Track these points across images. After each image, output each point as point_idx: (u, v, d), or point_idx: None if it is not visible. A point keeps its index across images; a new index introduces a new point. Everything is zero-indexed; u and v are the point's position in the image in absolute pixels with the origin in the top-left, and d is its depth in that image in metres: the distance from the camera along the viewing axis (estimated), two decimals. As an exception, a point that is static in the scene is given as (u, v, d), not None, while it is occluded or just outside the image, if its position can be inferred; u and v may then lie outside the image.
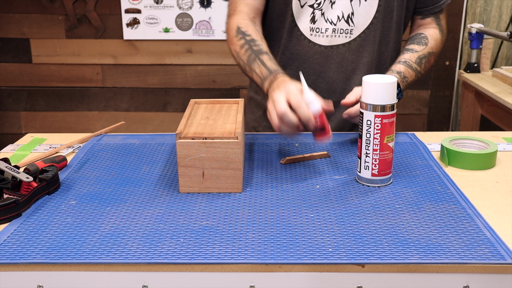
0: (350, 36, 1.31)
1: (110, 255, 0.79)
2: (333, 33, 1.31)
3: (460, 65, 2.76)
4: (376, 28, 1.31)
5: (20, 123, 2.89)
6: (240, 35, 1.29)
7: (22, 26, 2.73)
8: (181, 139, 0.97)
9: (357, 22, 1.30)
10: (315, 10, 1.30)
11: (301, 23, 1.32)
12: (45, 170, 1.02)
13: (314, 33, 1.31)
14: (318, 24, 1.30)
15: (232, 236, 0.84)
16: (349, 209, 0.93)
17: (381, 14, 1.30)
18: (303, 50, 1.33)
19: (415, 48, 1.33)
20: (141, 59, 2.76)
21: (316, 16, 1.30)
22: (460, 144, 1.17)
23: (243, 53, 1.26)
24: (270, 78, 1.17)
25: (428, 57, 1.33)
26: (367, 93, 0.99)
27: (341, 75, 1.34)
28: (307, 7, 1.30)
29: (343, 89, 1.34)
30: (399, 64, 1.30)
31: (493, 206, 0.94)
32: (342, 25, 1.30)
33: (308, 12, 1.30)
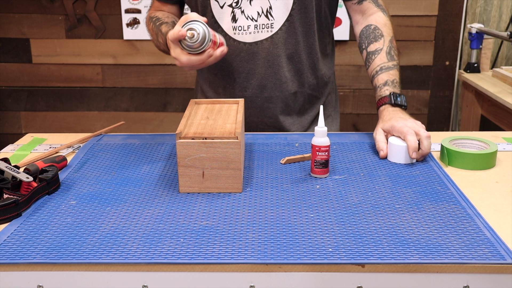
0: (271, 30, 1.31)
1: (110, 255, 0.79)
2: (255, 29, 1.31)
3: (460, 65, 2.76)
4: (296, 19, 1.31)
5: (20, 123, 2.89)
6: (150, 21, 1.37)
7: (22, 26, 2.73)
8: (181, 139, 0.97)
9: (276, 16, 1.30)
10: (235, 9, 1.30)
11: (223, 23, 1.32)
12: (45, 170, 1.02)
13: (237, 32, 1.32)
14: (239, 22, 1.31)
15: (232, 236, 0.84)
16: (349, 209, 0.93)
17: (299, 5, 1.30)
18: (229, 49, 1.32)
19: (377, 46, 1.32)
20: (141, 59, 2.76)
21: (237, 15, 1.31)
22: (460, 144, 1.17)
23: (151, 32, 1.35)
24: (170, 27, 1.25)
25: (392, 46, 1.33)
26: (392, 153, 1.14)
27: (270, 69, 1.34)
28: (226, 7, 1.31)
29: (274, 83, 1.35)
30: (379, 75, 1.29)
31: (493, 206, 0.94)
32: (262, 20, 1.30)
33: (228, 12, 1.31)
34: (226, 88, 1.39)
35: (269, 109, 1.38)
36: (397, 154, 1.12)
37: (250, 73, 1.35)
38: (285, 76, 1.35)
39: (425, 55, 2.71)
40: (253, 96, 1.36)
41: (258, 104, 1.37)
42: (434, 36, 2.68)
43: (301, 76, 1.37)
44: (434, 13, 2.65)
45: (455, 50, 2.71)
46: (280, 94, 1.36)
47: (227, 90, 1.39)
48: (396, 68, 1.31)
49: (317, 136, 1.05)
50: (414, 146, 1.10)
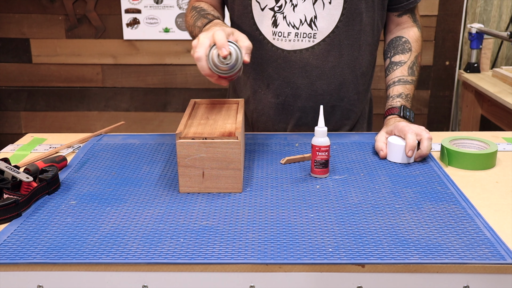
0: (313, 41, 1.26)
1: (110, 255, 0.79)
2: (295, 37, 1.26)
3: (460, 65, 2.76)
4: (342, 31, 1.26)
5: (20, 123, 2.89)
6: (193, 11, 1.32)
7: (22, 26, 2.73)
8: (181, 139, 0.97)
9: (321, 26, 1.25)
10: (277, 14, 1.26)
11: (262, 26, 1.28)
12: (45, 170, 1.02)
13: (277, 37, 1.27)
14: (280, 28, 1.26)
15: (232, 236, 0.84)
16: (349, 209, 0.93)
17: (347, 17, 1.25)
18: (267, 54, 1.29)
19: (402, 59, 1.31)
20: (141, 59, 2.76)
21: (278, 20, 1.26)
22: (460, 144, 1.17)
23: (190, 19, 1.30)
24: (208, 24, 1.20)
25: (416, 62, 1.32)
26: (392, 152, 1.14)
27: (306, 80, 1.29)
28: (267, 10, 1.26)
29: (309, 94, 1.30)
30: (395, 86, 1.28)
31: (493, 206, 0.94)
32: (305, 29, 1.25)
33: (269, 16, 1.26)
34: (257, 92, 1.35)
35: (301, 119, 1.34)
36: (395, 153, 1.12)
37: (285, 81, 1.30)
38: (322, 88, 1.30)
39: (425, 55, 2.71)
40: (285, 104, 1.32)
41: (290, 112, 1.33)
42: (434, 36, 2.68)
43: (341, 90, 1.32)
44: (434, 13, 2.65)
45: (455, 50, 2.71)
46: (313, 105, 1.31)
47: (257, 95, 1.35)
48: (413, 83, 1.30)
49: (317, 136, 1.05)
50: (412, 144, 1.10)
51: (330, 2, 1.24)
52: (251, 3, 1.27)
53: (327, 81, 1.30)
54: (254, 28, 1.29)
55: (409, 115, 1.24)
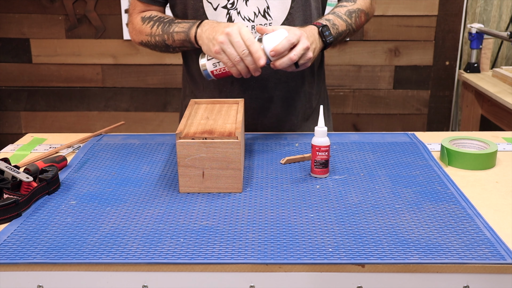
0: None
1: (110, 255, 0.79)
2: (252, 29, 1.28)
3: (460, 65, 2.76)
4: (295, 17, 1.29)
5: (20, 123, 2.89)
6: (147, 20, 1.31)
7: (22, 26, 2.73)
8: (181, 139, 0.97)
9: (275, 15, 1.27)
10: (230, 10, 1.27)
11: None
12: (45, 170, 1.02)
13: None
14: None
15: (232, 236, 0.84)
16: (349, 209, 0.93)
17: (298, 4, 1.28)
18: None
19: (343, 4, 1.31)
20: (141, 59, 2.76)
21: (233, 16, 1.27)
22: (460, 144, 1.17)
23: (156, 29, 1.29)
24: (195, 25, 1.20)
25: (358, 13, 1.31)
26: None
27: (269, 69, 1.29)
28: (220, 9, 1.27)
29: (274, 83, 1.33)
30: (328, 14, 1.28)
31: (493, 206, 0.94)
32: (260, 20, 1.27)
33: (223, 14, 1.28)
34: (222, 91, 1.35)
35: (269, 109, 1.36)
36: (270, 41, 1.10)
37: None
38: (285, 75, 1.33)
39: (425, 55, 2.71)
40: (253, 97, 1.34)
41: (258, 105, 1.35)
42: (434, 36, 2.68)
43: (301, 74, 1.35)
44: (434, 13, 2.65)
45: (455, 50, 2.71)
46: (280, 93, 1.34)
47: (223, 93, 1.35)
48: (346, 24, 1.28)
49: (317, 136, 1.05)
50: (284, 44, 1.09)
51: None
52: (203, 4, 1.28)
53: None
54: None
55: (328, 35, 1.21)
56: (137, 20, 1.34)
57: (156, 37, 1.29)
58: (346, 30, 1.29)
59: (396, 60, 2.72)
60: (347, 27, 1.29)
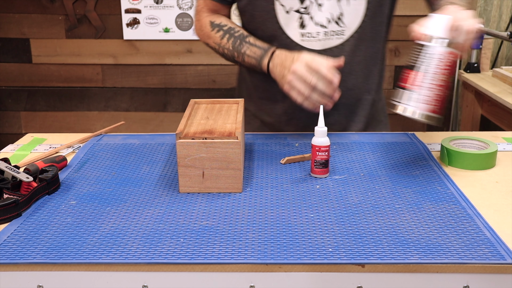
0: (342, 37, 1.27)
1: (110, 255, 0.79)
2: (325, 36, 1.26)
3: (460, 65, 2.76)
4: (367, 25, 1.27)
5: (20, 123, 2.89)
6: (217, 28, 1.30)
7: (22, 26, 2.73)
8: (181, 139, 0.97)
9: (348, 22, 1.25)
10: (303, 15, 1.25)
11: (289, 29, 1.27)
12: (45, 170, 1.02)
13: (306, 38, 1.27)
14: (308, 28, 1.26)
15: (232, 236, 0.84)
16: (349, 209, 0.93)
17: (371, 11, 1.26)
18: None
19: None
20: (141, 59, 2.76)
21: (305, 21, 1.26)
22: (460, 144, 1.17)
23: (226, 42, 1.29)
24: (267, 55, 1.21)
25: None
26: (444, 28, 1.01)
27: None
28: (293, 13, 1.25)
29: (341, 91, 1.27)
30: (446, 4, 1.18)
31: (493, 206, 0.94)
32: (333, 27, 1.26)
33: (295, 18, 1.26)
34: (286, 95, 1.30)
35: (333, 116, 1.33)
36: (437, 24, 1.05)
37: None
38: (351, 83, 1.31)
39: (425, 55, 2.70)
40: None
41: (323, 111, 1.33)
42: (434, 36, 2.68)
43: (367, 82, 1.33)
44: (434, 13, 2.64)
45: (455, 50, 2.71)
46: (345, 101, 1.31)
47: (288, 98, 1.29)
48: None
49: (317, 136, 1.05)
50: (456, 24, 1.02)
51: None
52: (275, 7, 1.25)
53: (356, 75, 1.31)
54: (280, 32, 1.27)
55: None
56: (206, 22, 1.33)
57: (225, 49, 1.30)
58: None
59: (396, 60, 2.72)
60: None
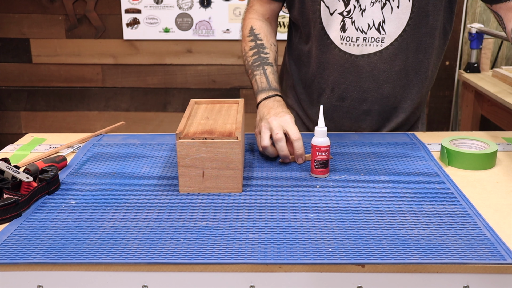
0: (381, 45, 1.25)
1: (110, 255, 0.79)
2: (364, 41, 1.25)
3: (460, 65, 2.76)
4: (410, 35, 1.25)
5: (20, 123, 2.89)
6: (252, 37, 1.31)
7: (22, 26, 2.73)
8: (181, 139, 0.97)
9: (389, 30, 1.23)
10: (345, 18, 1.24)
11: (331, 31, 1.26)
12: (45, 170, 1.02)
13: (345, 42, 1.26)
14: (348, 32, 1.25)
15: (232, 236, 0.84)
16: (349, 209, 0.93)
17: (415, 21, 1.23)
18: (334, 59, 1.28)
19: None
20: (141, 59, 2.76)
21: (347, 25, 1.24)
22: (460, 144, 1.17)
23: (250, 55, 1.30)
24: (268, 92, 1.22)
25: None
26: None
27: (373, 84, 1.29)
28: (336, 15, 1.24)
29: (375, 97, 1.30)
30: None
31: (493, 206, 0.94)
32: (373, 33, 1.24)
33: (337, 20, 1.25)
34: (321, 95, 1.34)
35: (365, 121, 1.34)
36: None
37: (352, 85, 1.30)
38: (388, 91, 1.30)
39: (425, 55, 2.71)
40: (350, 107, 1.32)
41: (354, 116, 1.33)
42: (434, 36, 2.68)
43: (405, 92, 1.32)
44: (434, 13, 2.64)
45: (455, 50, 2.71)
46: (379, 108, 1.32)
47: (322, 98, 1.34)
48: None
49: (317, 136, 1.05)
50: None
51: (398, 6, 1.22)
52: (320, 8, 1.25)
53: (393, 84, 1.29)
54: (322, 33, 1.27)
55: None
56: (248, 25, 1.35)
57: (246, 61, 1.32)
58: None
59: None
60: None
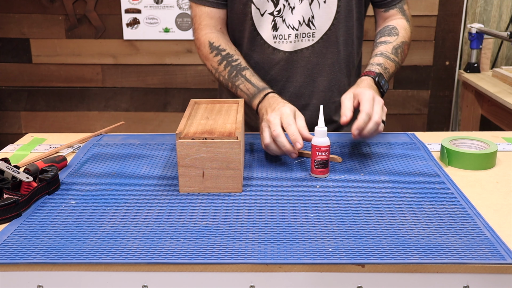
0: (313, 39, 1.30)
1: (110, 255, 0.79)
2: (296, 38, 1.30)
3: (460, 65, 2.76)
4: (338, 28, 1.31)
5: (20, 123, 2.89)
6: (215, 51, 1.30)
7: (22, 26, 2.73)
8: (181, 139, 0.97)
9: (319, 25, 1.29)
10: (276, 18, 1.28)
11: (263, 31, 1.30)
12: (45, 170, 1.02)
13: (278, 40, 1.30)
14: (280, 31, 1.30)
15: (232, 236, 0.84)
16: (349, 209, 0.93)
17: (341, 14, 1.30)
18: (268, 58, 1.33)
19: (388, 39, 1.32)
20: (141, 59, 2.76)
21: (278, 23, 1.29)
22: (460, 144, 1.17)
23: (223, 69, 1.29)
24: (259, 95, 1.21)
25: (402, 47, 1.32)
26: None
27: (308, 78, 1.34)
28: (267, 15, 1.29)
29: (311, 91, 1.35)
30: (377, 56, 1.28)
31: (493, 206, 0.94)
32: (304, 29, 1.29)
33: (269, 20, 1.29)
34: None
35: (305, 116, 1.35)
36: None
37: (288, 81, 1.35)
38: (323, 85, 1.35)
39: (425, 55, 2.71)
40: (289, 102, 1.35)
41: None
42: (434, 36, 2.68)
43: (339, 85, 1.37)
44: (434, 13, 2.65)
45: (455, 50, 2.71)
46: (316, 102, 1.36)
47: None
48: (395, 63, 1.29)
49: (317, 136, 1.05)
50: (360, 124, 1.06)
51: (325, 1, 1.28)
52: (251, 10, 1.29)
53: (328, 77, 1.35)
54: (255, 34, 1.31)
55: (383, 84, 1.21)
56: (205, 42, 1.33)
57: (221, 76, 1.30)
58: (395, 70, 1.29)
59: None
60: (395, 66, 1.29)
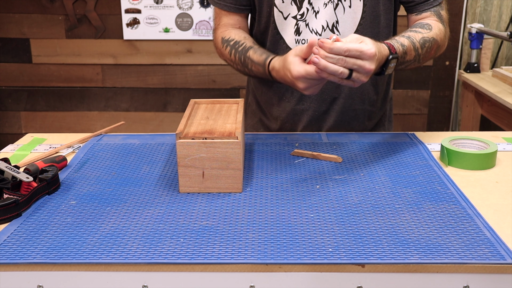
0: None
1: (110, 255, 0.79)
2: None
3: (460, 65, 2.76)
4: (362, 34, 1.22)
5: (20, 123, 2.89)
6: (225, 44, 1.31)
7: (22, 26, 2.73)
8: (181, 139, 0.97)
9: (343, 30, 1.26)
10: (299, 22, 1.26)
11: (286, 35, 1.29)
12: (45, 170, 1.02)
13: (300, 45, 1.27)
14: (303, 35, 1.27)
15: (232, 236, 0.84)
16: (349, 209, 0.93)
17: (367, 20, 1.26)
18: None
19: (419, 30, 1.23)
20: (141, 59, 2.76)
21: (301, 28, 1.27)
22: (460, 144, 1.17)
23: (234, 59, 1.29)
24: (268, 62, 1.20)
25: (431, 42, 1.24)
26: None
27: (331, 84, 1.30)
28: (290, 19, 1.27)
29: (334, 97, 1.32)
30: (404, 38, 1.19)
31: (493, 206, 0.94)
32: (327, 34, 1.26)
33: (292, 24, 1.27)
34: (282, 100, 1.35)
35: (325, 123, 1.35)
36: None
37: None
38: (344, 92, 1.32)
39: (425, 55, 2.71)
40: (310, 109, 1.34)
41: (315, 117, 1.34)
42: (434, 36, 2.68)
43: (362, 92, 1.33)
44: (434, 13, 2.64)
45: (455, 50, 2.71)
46: (337, 108, 1.33)
47: (282, 102, 1.36)
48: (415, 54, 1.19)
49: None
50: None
51: (350, 6, 1.25)
52: (274, 13, 1.27)
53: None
54: (278, 37, 1.29)
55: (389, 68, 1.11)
56: (219, 39, 1.34)
57: (238, 67, 1.30)
58: (411, 61, 1.21)
59: (396, 60, 2.72)
60: (414, 58, 1.20)
